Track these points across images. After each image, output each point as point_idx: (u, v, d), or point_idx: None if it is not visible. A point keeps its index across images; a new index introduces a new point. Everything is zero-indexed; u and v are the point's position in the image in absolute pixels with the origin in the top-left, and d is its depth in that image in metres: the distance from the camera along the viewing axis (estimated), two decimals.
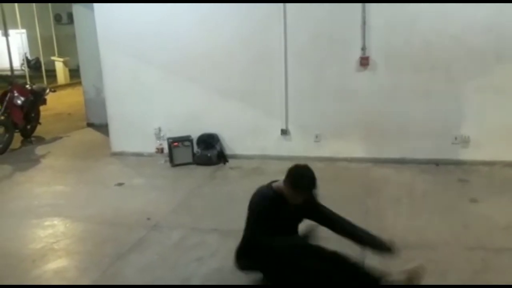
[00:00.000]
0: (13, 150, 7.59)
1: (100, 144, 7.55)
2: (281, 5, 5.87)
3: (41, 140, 8.27)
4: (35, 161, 6.98)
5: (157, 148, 6.71)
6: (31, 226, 4.55)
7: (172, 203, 4.97)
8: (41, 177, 6.15)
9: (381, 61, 5.79)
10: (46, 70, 16.86)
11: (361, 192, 5.07)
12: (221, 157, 6.40)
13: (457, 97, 5.70)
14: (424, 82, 5.74)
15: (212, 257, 3.73)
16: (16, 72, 14.58)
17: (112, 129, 6.97)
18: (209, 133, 6.49)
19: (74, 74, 14.68)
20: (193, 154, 6.39)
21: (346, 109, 6.00)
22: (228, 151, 6.51)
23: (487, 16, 5.42)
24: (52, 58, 16.92)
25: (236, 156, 6.44)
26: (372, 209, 4.57)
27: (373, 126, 5.98)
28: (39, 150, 7.65)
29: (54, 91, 9.72)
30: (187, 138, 6.41)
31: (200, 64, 6.33)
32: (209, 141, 6.45)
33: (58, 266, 3.75)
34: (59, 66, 16.48)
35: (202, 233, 4.19)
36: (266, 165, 6.10)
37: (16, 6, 16.16)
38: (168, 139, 6.46)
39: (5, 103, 7.54)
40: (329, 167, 5.93)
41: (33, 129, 8.46)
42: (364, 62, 5.80)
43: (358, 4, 5.68)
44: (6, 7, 12.94)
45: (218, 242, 3.98)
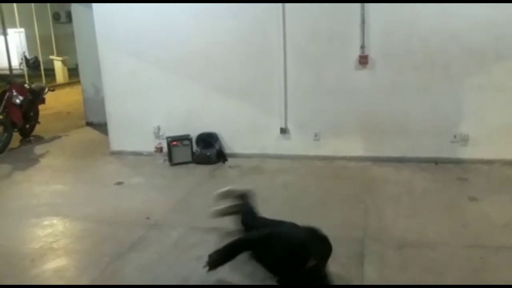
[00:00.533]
0: (12, 149, 7.58)
1: (99, 143, 7.54)
2: (279, 4, 5.86)
3: (40, 139, 8.26)
4: (34, 160, 6.97)
5: (156, 147, 6.70)
6: (30, 225, 4.55)
7: (171, 202, 4.96)
8: (40, 176, 6.15)
9: (380, 60, 5.78)
10: (44, 69, 16.86)
11: (360, 191, 5.07)
12: (220, 156, 6.39)
13: (456, 95, 5.69)
14: (423, 81, 5.74)
15: None
16: (14, 71, 14.50)
17: (111, 128, 6.96)
18: (208, 132, 6.49)
19: (73, 73, 14.66)
20: (192, 153, 6.39)
21: (345, 107, 6.00)
22: (227, 150, 6.51)
23: (486, 14, 5.41)
24: (51, 57, 16.90)
25: (235, 155, 6.44)
26: (371, 208, 4.57)
27: (372, 124, 5.98)
28: (38, 149, 7.64)
29: (53, 90, 9.73)
30: (186, 137, 6.41)
31: (199, 62, 6.33)
32: (208, 140, 6.44)
33: (57, 265, 3.75)
34: (58, 65, 16.47)
35: (202, 232, 4.18)
36: (265, 164, 6.11)
37: (14, 5, 16.15)
38: (167, 138, 6.46)
39: (3, 102, 7.53)
40: (328, 165, 5.94)
41: (32, 128, 8.45)
42: (363, 60, 5.80)
43: (357, 3, 5.66)
44: (4, 6, 12.89)
45: (218, 241, 3.97)
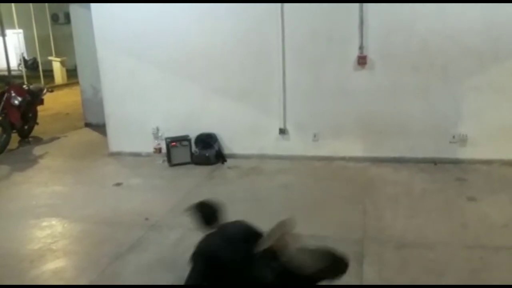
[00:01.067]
0: (11, 150, 7.57)
1: (98, 144, 7.54)
2: (278, 4, 5.87)
3: (38, 140, 8.25)
4: (32, 161, 6.96)
5: (155, 148, 6.70)
6: (29, 226, 4.55)
7: (171, 203, 4.96)
8: (39, 178, 6.14)
9: (379, 60, 5.79)
10: (43, 70, 16.82)
11: (359, 191, 5.07)
12: (219, 157, 6.39)
13: (454, 96, 5.70)
14: (422, 81, 5.74)
15: None
16: (13, 72, 14.49)
17: (109, 129, 6.96)
18: (207, 132, 6.48)
19: (72, 74, 14.64)
20: (191, 154, 6.38)
21: (344, 108, 6.01)
22: (226, 151, 6.50)
23: (484, 15, 5.43)
24: (49, 58, 16.87)
25: (234, 156, 6.44)
26: (370, 208, 4.57)
27: (371, 125, 5.98)
28: (37, 150, 7.63)
29: (52, 91, 9.71)
30: (185, 138, 6.40)
31: (198, 63, 6.33)
32: (207, 141, 6.44)
33: (56, 266, 3.75)
34: (57, 66, 16.44)
35: (201, 233, 4.17)
36: (264, 165, 6.11)
37: (13, 6, 16.12)
38: (166, 138, 6.45)
39: (2, 103, 7.51)
40: (327, 166, 5.94)
41: (31, 129, 8.44)
42: (361, 61, 5.80)
43: (355, 4, 5.68)
44: (3, 7, 12.88)
45: None
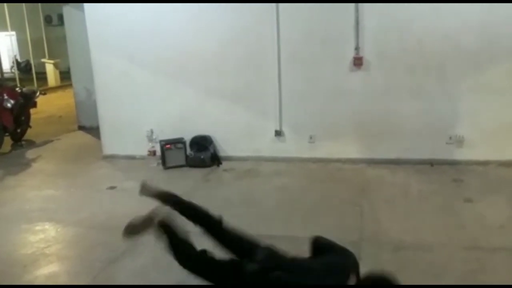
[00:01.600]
0: (3, 154, 7.50)
1: (92, 147, 7.48)
2: (273, 4, 5.85)
3: (31, 144, 8.19)
4: (25, 165, 6.90)
5: (149, 151, 6.66)
6: (21, 231, 4.49)
7: (165, 206, 4.90)
8: (32, 181, 6.08)
9: (375, 61, 5.78)
10: (36, 73, 16.75)
11: (355, 193, 5.05)
12: (215, 159, 6.35)
13: (451, 97, 5.70)
14: (418, 82, 5.74)
15: None
16: (6, 75, 14.46)
17: (103, 132, 6.91)
18: (202, 135, 6.45)
19: (65, 76, 14.56)
20: (186, 157, 6.34)
21: (340, 109, 5.99)
22: (221, 153, 6.47)
23: (480, 16, 5.43)
24: (43, 60, 16.79)
25: (229, 158, 6.40)
26: (367, 210, 4.55)
27: (367, 126, 5.96)
28: (30, 153, 7.56)
29: (45, 93, 9.65)
30: (180, 140, 6.36)
31: (192, 65, 6.29)
32: (202, 143, 6.40)
33: (49, 271, 3.71)
34: (50, 68, 16.37)
35: (196, 236, 4.10)
36: (260, 167, 6.08)
37: (5, 7, 16.03)
38: (160, 141, 6.41)
39: None
40: (323, 168, 5.92)
41: (23, 132, 8.36)
42: (357, 62, 5.79)
43: (351, 4, 5.67)
44: None
45: (213, 245, 3.93)
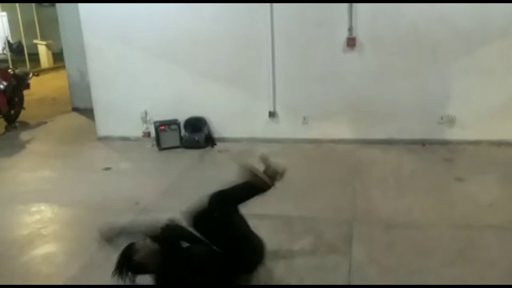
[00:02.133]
0: None
1: (86, 128, 7.47)
2: None
3: (25, 125, 8.17)
4: (20, 146, 6.89)
5: (144, 132, 6.67)
6: (17, 212, 4.51)
7: (161, 187, 4.95)
8: (26, 163, 6.09)
9: (368, 42, 5.78)
10: (28, 54, 16.57)
11: (348, 173, 5.10)
12: (209, 140, 6.38)
13: (443, 77, 5.72)
14: (410, 63, 5.75)
15: None
16: None
17: (97, 114, 6.89)
18: (196, 116, 6.46)
19: (58, 57, 14.44)
20: (181, 138, 6.36)
21: (333, 90, 6.00)
22: (215, 134, 6.49)
23: None
24: (35, 41, 16.60)
25: (224, 139, 6.43)
26: (359, 189, 4.61)
27: (360, 107, 5.99)
28: (24, 135, 7.55)
29: (38, 75, 9.59)
30: (174, 122, 6.37)
31: (187, 47, 6.26)
32: (196, 125, 6.42)
33: (46, 251, 3.74)
34: (42, 49, 16.19)
35: None
36: (254, 148, 6.09)
37: None
38: (154, 122, 6.41)
39: None
40: (316, 148, 5.97)
41: (17, 114, 8.33)
42: (351, 43, 5.78)
43: None
44: None
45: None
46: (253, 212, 4.17)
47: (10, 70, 8.54)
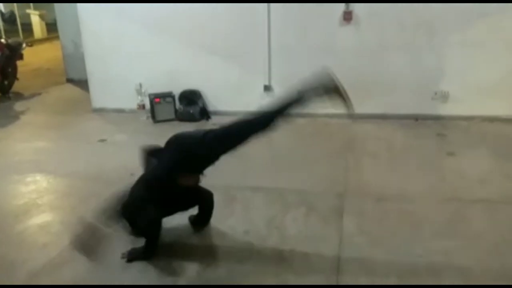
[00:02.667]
0: None
1: (81, 100, 7.46)
2: None
3: (19, 96, 8.13)
4: (14, 117, 6.88)
5: (139, 104, 6.66)
6: (12, 182, 4.54)
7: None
8: (21, 134, 6.10)
9: (364, 16, 5.74)
10: (21, 24, 16.34)
11: (341, 147, 5.15)
12: (204, 114, 6.39)
13: (437, 53, 5.72)
14: (406, 38, 5.74)
15: (196, 211, 3.77)
16: None
17: (92, 85, 6.87)
18: (191, 89, 6.45)
19: (52, 28, 14.25)
20: (176, 111, 6.37)
21: (329, 64, 5.86)
22: (210, 108, 6.50)
23: None
24: (28, 11, 16.34)
25: (218, 113, 6.43)
26: (351, 163, 4.66)
27: (355, 81, 5.89)
28: (18, 106, 7.53)
29: (31, 45, 9.50)
30: (169, 94, 6.36)
31: (183, 19, 6.21)
32: (191, 98, 6.42)
33: (42, 221, 3.78)
34: (35, 19, 15.97)
35: None
36: None
37: None
38: (149, 95, 6.40)
39: None
40: (311, 123, 5.98)
41: (11, 84, 8.29)
42: (347, 16, 5.75)
43: None
44: None
45: None
46: (247, 185, 4.25)
47: (2, 40, 8.44)
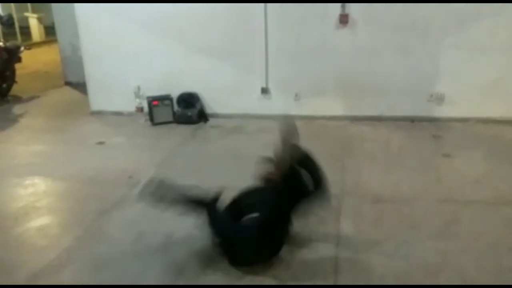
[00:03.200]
0: None
1: (79, 103, 7.47)
2: None
3: (18, 99, 8.14)
4: (12, 120, 6.89)
5: (137, 107, 6.68)
6: (11, 185, 4.55)
7: (154, 161, 5.01)
8: (19, 137, 6.11)
9: (361, 19, 5.77)
10: (19, 27, 16.32)
11: (338, 149, 5.17)
12: (202, 116, 6.42)
13: (433, 55, 5.75)
14: (402, 40, 5.77)
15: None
16: None
17: (90, 88, 6.89)
18: (189, 92, 6.47)
19: (50, 31, 14.22)
20: (174, 113, 6.39)
21: (325, 67, 6.03)
22: (208, 110, 6.52)
23: None
24: (26, 14, 16.35)
25: (216, 115, 6.47)
26: (348, 165, 4.68)
27: (352, 84, 6.03)
28: (17, 109, 7.54)
29: (29, 48, 9.51)
30: (167, 97, 6.39)
31: (180, 22, 6.23)
32: (189, 100, 6.44)
33: (41, 223, 3.79)
34: (33, 22, 15.95)
35: None
36: (246, 124, 6.15)
37: None
38: (147, 97, 6.43)
39: None
40: (308, 125, 5.98)
41: (9, 88, 8.29)
42: (343, 19, 5.79)
43: None
44: None
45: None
46: (244, 186, 4.26)
47: (1, 43, 8.48)
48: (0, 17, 17.84)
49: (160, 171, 4.72)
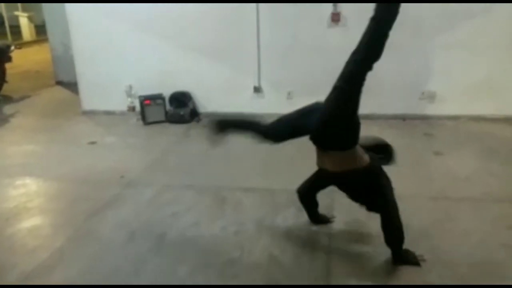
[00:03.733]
0: None
1: (70, 102, 7.44)
2: None
3: (8, 99, 8.09)
4: (3, 120, 6.85)
5: (129, 106, 6.67)
6: (2, 185, 4.53)
7: (146, 161, 5.00)
8: (10, 137, 6.07)
9: (353, 17, 5.78)
10: (10, 26, 16.23)
11: None
12: (194, 115, 6.41)
13: (425, 53, 5.79)
14: (394, 39, 5.66)
15: (187, 212, 3.81)
16: None
17: (82, 88, 6.86)
18: (182, 91, 6.47)
19: (41, 30, 14.14)
20: (166, 112, 6.38)
21: (318, 65, 6.04)
22: (201, 109, 6.52)
23: None
24: (16, 13, 16.24)
25: (209, 114, 6.45)
26: None
27: None
28: (7, 109, 7.49)
29: (20, 48, 9.46)
30: (159, 96, 6.38)
31: (172, 21, 6.22)
32: (181, 99, 6.44)
33: (32, 224, 3.77)
34: (24, 21, 15.86)
35: (177, 189, 4.25)
36: None
37: None
38: (139, 97, 6.41)
39: None
40: None
41: (0, 87, 8.24)
42: (335, 18, 5.81)
43: None
44: None
45: (193, 198, 4.06)
46: (238, 186, 4.28)
47: None
48: None
49: (152, 171, 4.71)
